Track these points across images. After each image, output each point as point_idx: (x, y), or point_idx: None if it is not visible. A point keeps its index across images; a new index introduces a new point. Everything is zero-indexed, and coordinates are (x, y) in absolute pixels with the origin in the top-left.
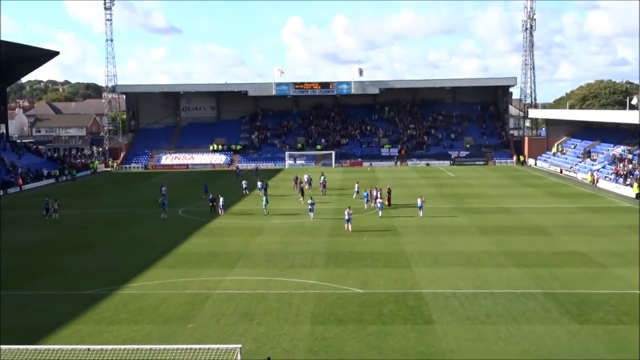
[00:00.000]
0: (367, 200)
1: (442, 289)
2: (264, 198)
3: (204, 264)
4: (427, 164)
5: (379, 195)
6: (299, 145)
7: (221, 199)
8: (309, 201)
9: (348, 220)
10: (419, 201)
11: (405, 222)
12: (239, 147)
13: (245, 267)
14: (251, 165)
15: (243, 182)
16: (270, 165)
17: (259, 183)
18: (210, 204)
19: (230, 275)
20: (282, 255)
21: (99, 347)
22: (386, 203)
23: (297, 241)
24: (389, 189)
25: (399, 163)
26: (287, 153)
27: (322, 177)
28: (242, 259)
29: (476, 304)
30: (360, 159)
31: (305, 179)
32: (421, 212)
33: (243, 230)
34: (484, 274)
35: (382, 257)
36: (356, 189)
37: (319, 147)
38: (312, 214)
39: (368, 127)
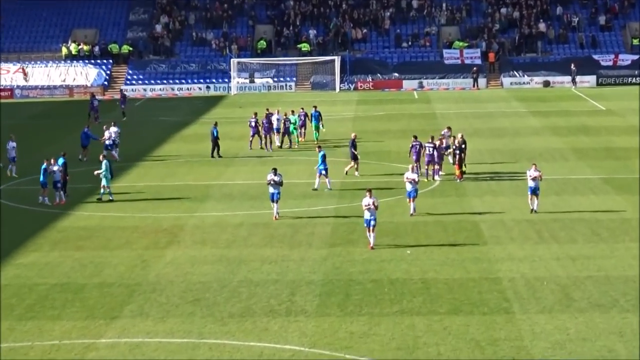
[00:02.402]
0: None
1: None
2: (104, 165)
3: (50, 312)
4: (546, 83)
5: (434, 154)
6: (261, 44)
7: (55, 169)
8: (272, 177)
9: (369, 223)
10: (529, 177)
11: (497, 216)
12: (126, 49)
13: (141, 316)
14: (139, 93)
15: (111, 130)
16: (196, 90)
17: (111, 132)
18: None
19: (109, 334)
20: (225, 290)
21: None
22: (456, 172)
23: (256, 257)
24: (459, 140)
25: (481, 82)
26: (233, 61)
27: (287, 117)
28: (135, 298)
29: None
30: (396, 74)
31: (276, 122)
32: (535, 202)
33: (136, 233)
34: None
35: (449, 290)
36: (446, 145)
37: (304, 47)
38: (274, 205)
39: (414, 4)
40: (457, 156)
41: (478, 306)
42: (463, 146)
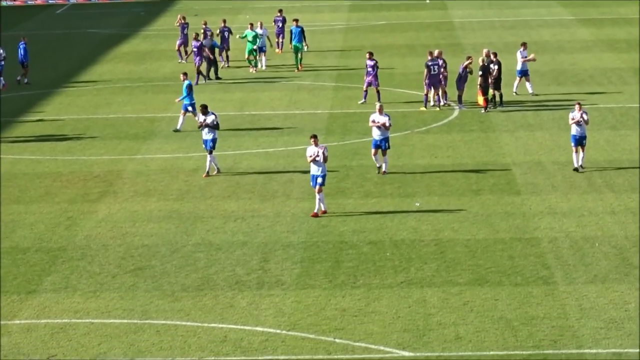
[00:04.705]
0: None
1: None
2: None
3: None
4: None
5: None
6: None
7: None
8: (201, 118)
9: (315, 181)
10: (571, 120)
11: (534, 157)
12: None
13: (66, 290)
14: None
15: None
16: None
17: None
18: None
19: (25, 313)
20: (177, 256)
21: None
22: (479, 99)
23: (217, 212)
24: (485, 59)
25: None
26: None
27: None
28: (58, 267)
29: None
30: None
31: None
32: (581, 156)
33: (58, 182)
34: None
35: (471, 254)
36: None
37: None
38: (209, 157)
39: None
40: (481, 79)
41: (509, 275)
42: (491, 66)
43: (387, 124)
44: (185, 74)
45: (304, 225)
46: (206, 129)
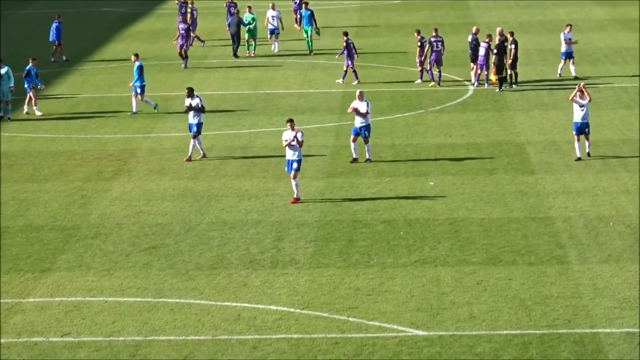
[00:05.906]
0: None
1: None
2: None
3: None
4: None
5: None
6: None
7: None
8: (188, 101)
9: (291, 166)
10: (577, 105)
11: (549, 136)
12: None
13: (80, 268)
14: None
15: None
16: None
17: None
18: None
19: (39, 291)
20: (191, 234)
21: None
22: (492, 77)
23: (231, 191)
24: (502, 36)
25: None
26: None
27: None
28: (72, 245)
29: None
30: None
31: (271, 20)
32: (587, 144)
33: (72, 161)
34: None
35: (485, 233)
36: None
37: None
38: (192, 141)
39: None
40: (496, 57)
41: (523, 254)
42: (508, 45)
43: (364, 111)
44: (136, 55)
45: (318, 204)
46: (192, 113)
